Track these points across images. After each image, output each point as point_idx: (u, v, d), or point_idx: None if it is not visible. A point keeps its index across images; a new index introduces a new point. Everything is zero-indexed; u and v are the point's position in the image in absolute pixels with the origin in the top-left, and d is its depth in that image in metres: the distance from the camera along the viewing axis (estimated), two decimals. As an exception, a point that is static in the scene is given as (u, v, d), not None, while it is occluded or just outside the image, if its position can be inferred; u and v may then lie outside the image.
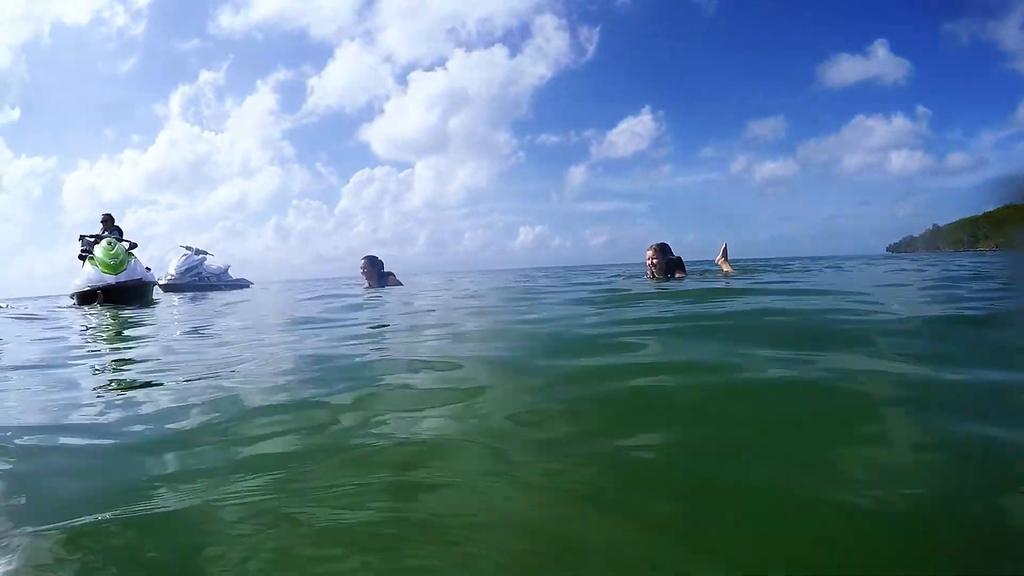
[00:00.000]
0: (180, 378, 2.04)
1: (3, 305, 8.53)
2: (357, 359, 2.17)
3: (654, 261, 6.12)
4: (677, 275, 6.13)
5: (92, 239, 9.58)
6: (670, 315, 2.93)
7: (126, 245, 9.87)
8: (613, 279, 7.63)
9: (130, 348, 3.32)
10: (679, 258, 6.28)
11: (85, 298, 8.99)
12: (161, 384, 2.00)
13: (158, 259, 17.20)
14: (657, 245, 6.18)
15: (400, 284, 8.08)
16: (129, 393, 1.90)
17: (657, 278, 6.13)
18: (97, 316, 6.35)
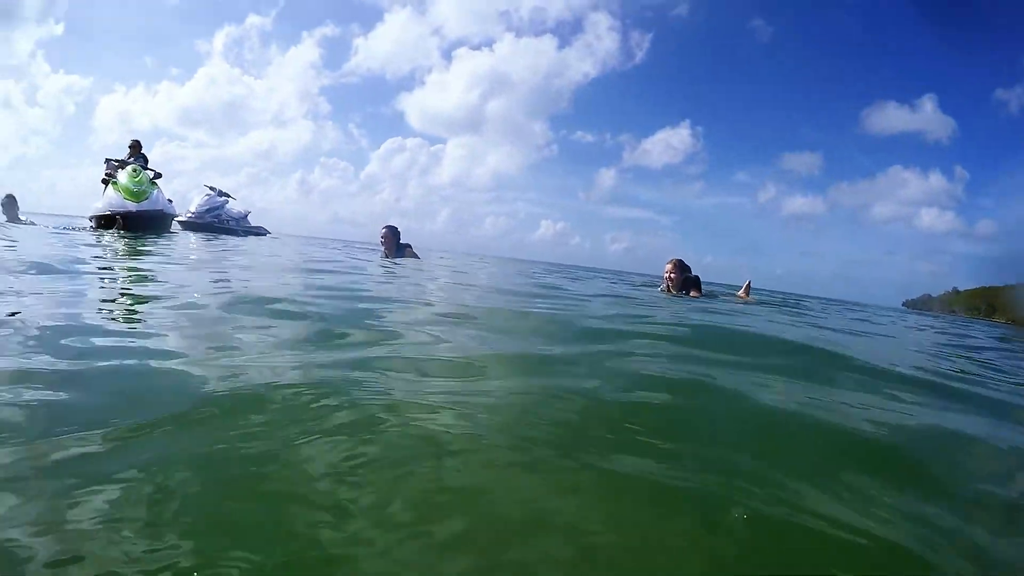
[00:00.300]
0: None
1: (28, 221, 8.70)
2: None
3: (672, 276, 6.17)
4: (692, 293, 6.15)
5: (117, 163, 9.57)
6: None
7: (151, 174, 9.85)
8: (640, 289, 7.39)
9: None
10: (696, 277, 6.31)
11: (103, 222, 8.99)
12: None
13: (181, 195, 17.23)
14: (676, 261, 6.23)
15: (417, 257, 7.96)
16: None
17: (672, 293, 6.16)
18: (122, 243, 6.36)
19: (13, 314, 1.82)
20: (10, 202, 9.38)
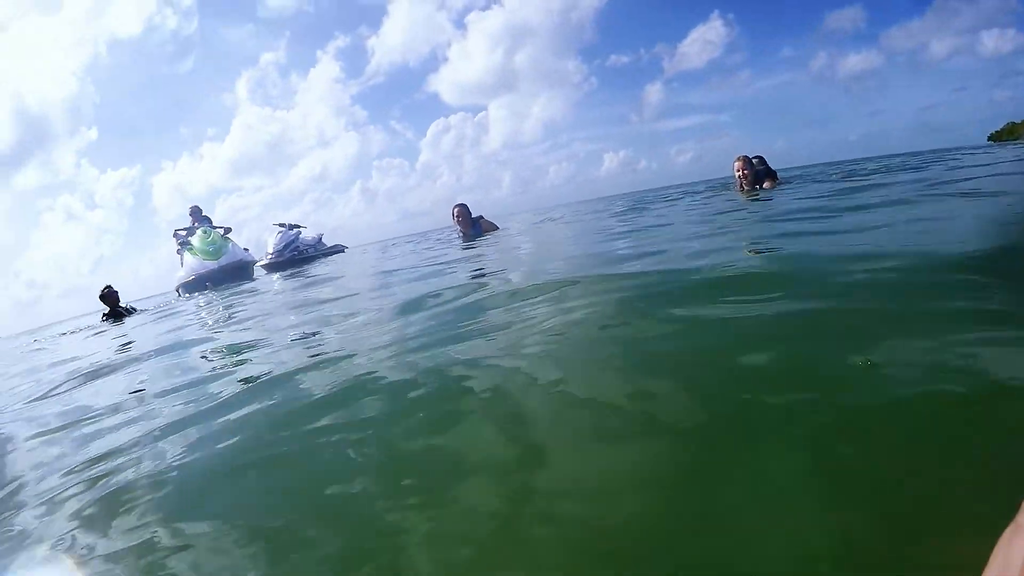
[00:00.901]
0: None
1: (130, 308, 8.99)
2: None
3: (744, 172, 6.15)
4: (765, 185, 6.19)
5: (184, 232, 10.16)
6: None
7: (221, 231, 10.40)
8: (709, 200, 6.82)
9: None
10: (765, 168, 6.38)
11: (191, 287, 9.60)
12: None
13: (256, 240, 18.10)
14: (742, 157, 6.18)
15: (495, 227, 7.64)
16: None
17: (745, 189, 6.16)
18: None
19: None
20: (110, 293, 8.84)
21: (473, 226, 7.50)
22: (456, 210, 7.42)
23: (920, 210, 2.98)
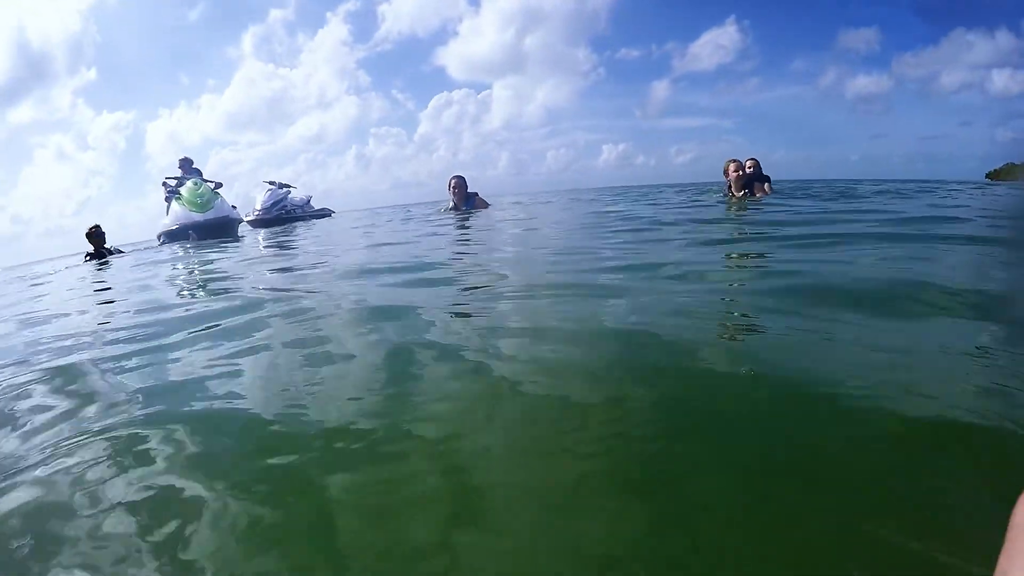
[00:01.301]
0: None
1: (122, 250, 8.79)
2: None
3: (738, 174, 6.12)
4: (757, 194, 6.02)
5: (175, 181, 10.04)
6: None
7: (211, 184, 10.29)
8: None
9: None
10: (759, 172, 6.26)
11: (174, 236, 9.50)
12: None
13: (244, 196, 18.00)
14: (736, 160, 6.16)
15: (487, 205, 7.85)
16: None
17: (737, 195, 6.10)
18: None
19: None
20: (96, 232, 8.45)
21: (467, 200, 7.68)
22: (453, 181, 7.61)
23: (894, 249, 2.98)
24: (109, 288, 4.26)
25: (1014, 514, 0.36)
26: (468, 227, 5.70)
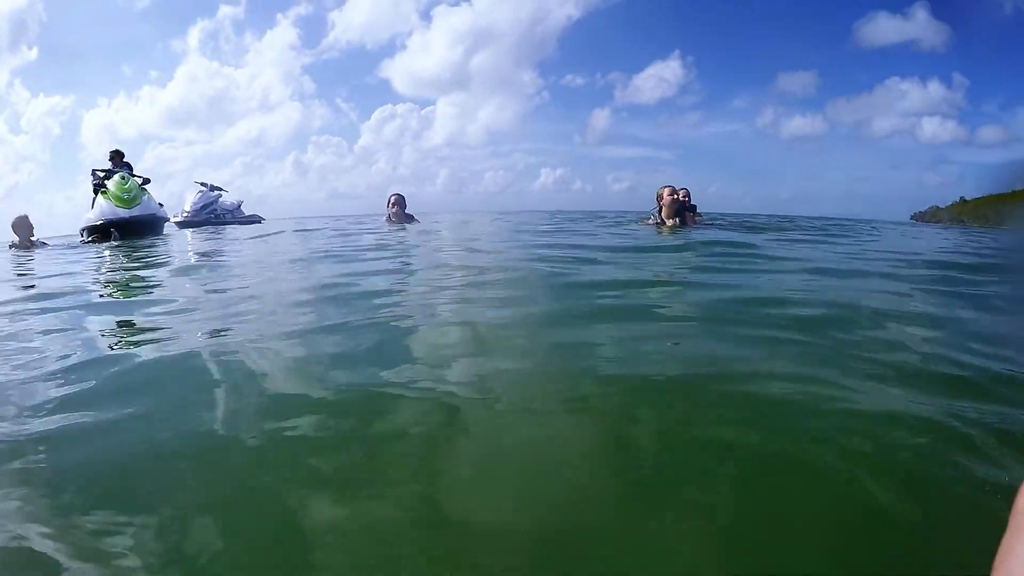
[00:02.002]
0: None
1: (40, 242, 8.18)
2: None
3: (672, 199, 6.10)
4: (689, 222, 6.24)
5: (103, 173, 9.55)
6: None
7: (139, 180, 9.84)
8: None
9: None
10: (689, 204, 6.54)
11: (96, 231, 8.94)
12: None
13: (178, 195, 17.25)
14: (670, 187, 6.18)
15: (418, 221, 8.27)
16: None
17: (668, 222, 6.12)
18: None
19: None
20: (22, 223, 7.94)
21: (405, 217, 8.20)
22: (394, 197, 7.89)
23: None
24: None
25: (1016, 501, 0.37)
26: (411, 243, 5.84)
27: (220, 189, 17.32)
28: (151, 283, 3.60)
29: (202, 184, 16.86)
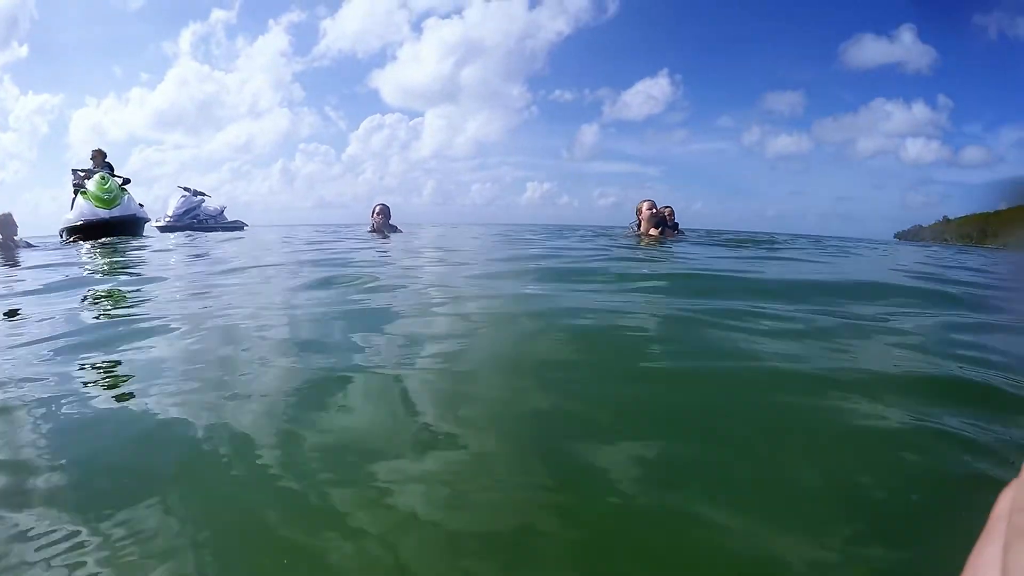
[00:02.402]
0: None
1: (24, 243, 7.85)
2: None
3: (652, 213, 6.42)
4: (666, 235, 6.43)
5: (84, 173, 9.48)
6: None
7: (119, 180, 9.78)
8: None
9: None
10: (672, 222, 6.78)
11: (76, 232, 8.88)
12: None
13: (163, 199, 17.09)
14: (651, 200, 6.51)
15: (401, 232, 8.36)
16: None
17: (650, 234, 6.36)
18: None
19: None
20: (7, 221, 7.58)
21: (389, 227, 8.27)
22: (378, 207, 7.89)
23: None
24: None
25: (996, 504, 0.36)
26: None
27: (203, 194, 17.21)
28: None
29: (185, 189, 16.77)
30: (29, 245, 7.72)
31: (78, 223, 8.86)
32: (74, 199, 9.19)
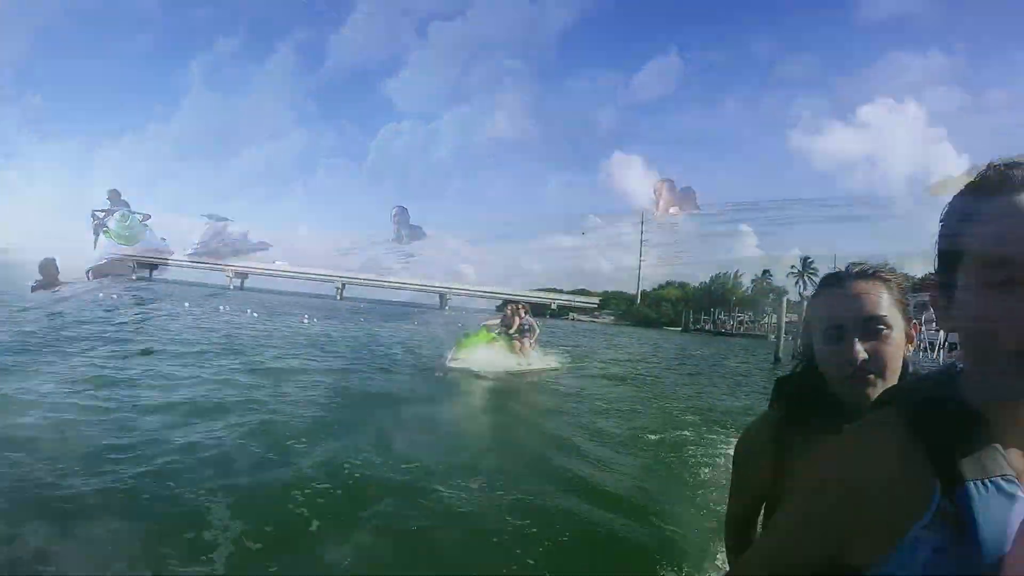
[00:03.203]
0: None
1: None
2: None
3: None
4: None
5: (103, 213, 10.94)
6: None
7: (139, 217, 11.41)
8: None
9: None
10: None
11: (103, 271, 9.51)
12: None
13: (187, 228, 16.39)
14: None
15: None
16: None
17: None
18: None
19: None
20: (49, 266, 7.85)
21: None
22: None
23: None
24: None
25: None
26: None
27: (225, 219, 18.85)
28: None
29: (208, 216, 18.20)
30: (71, 284, 8.52)
31: (102, 262, 10.28)
32: (95, 239, 10.97)
